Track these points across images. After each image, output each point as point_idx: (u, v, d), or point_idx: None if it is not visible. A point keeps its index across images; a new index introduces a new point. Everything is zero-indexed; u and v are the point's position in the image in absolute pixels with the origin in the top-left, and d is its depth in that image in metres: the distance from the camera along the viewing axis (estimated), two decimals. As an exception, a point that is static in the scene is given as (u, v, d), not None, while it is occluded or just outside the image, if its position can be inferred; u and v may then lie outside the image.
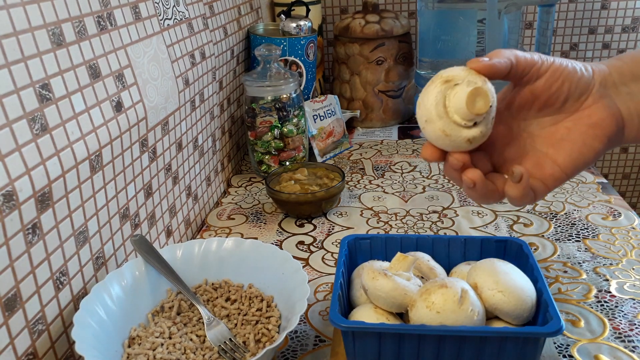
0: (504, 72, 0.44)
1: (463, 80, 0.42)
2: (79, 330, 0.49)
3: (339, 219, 0.86)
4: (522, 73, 0.45)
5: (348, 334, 0.50)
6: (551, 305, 0.50)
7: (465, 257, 0.62)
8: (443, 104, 0.42)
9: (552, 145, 0.46)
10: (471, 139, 0.43)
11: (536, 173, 0.46)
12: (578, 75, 0.45)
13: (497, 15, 1.00)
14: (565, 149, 0.46)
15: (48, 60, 0.50)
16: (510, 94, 0.48)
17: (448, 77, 0.43)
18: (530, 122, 0.48)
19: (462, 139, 0.43)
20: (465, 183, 0.45)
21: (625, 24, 1.37)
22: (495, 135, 0.47)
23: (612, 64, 0.47)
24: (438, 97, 0.43)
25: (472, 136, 0.43)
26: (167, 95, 0.72)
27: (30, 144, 0.47)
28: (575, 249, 0.74)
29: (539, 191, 0.46)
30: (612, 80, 0.46)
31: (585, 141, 0.45)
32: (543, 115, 0.47)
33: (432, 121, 0.43)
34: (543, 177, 0.46)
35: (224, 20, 0.99)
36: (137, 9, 0.67)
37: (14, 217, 0.45)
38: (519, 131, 0.48)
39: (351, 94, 1.24)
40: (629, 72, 0.46)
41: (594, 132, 0.45)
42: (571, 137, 0.46)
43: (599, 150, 0.45)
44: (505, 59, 0.44)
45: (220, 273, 0.65)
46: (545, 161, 0.46)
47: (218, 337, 0.57)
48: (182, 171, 0.80)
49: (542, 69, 0.45)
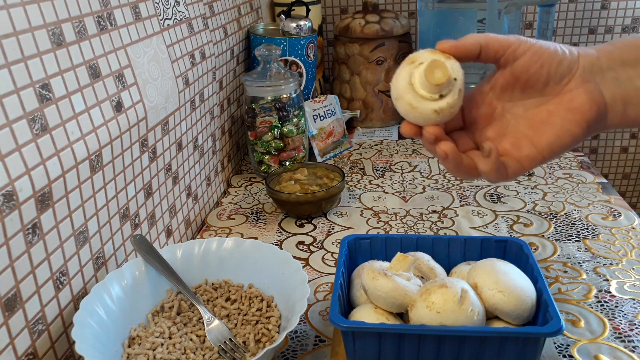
0: (472, 53, 0.45)
1: (426, 60, 0.45)
2: (79, 330, 0.49)
3: (339, 219, 0.86)
4: (496, 55, 0.46)
5: (348, 334, 0.50)
6: (551, 305, 0.50)
7: (465, 257, 0.62)
8: (409, 81, 0.45)
9: (532, 127, 0.47)
10: (438, 110, 0.45)
11: (513, 152, 0.47)
12: (559, 57, 0.46)
13: (497, 15, 1.00)
14: (544, 131, 0.46)
15: (48, 60, 0.50)
16: (494, 76, 0.49)
17: (413, 58, 0.46)
18: (515, 103, 0.48)
19: (429, 110, 0.45)
20: (438, 154, 0.46)
21: (625, 24, 1.37)
22: (478, 114, 0.49)
23: (603, 48, 0.48)
24: (405, 75, 0.45)
25: (439, 107, 0.44)
26: (167, 95, 0.72)
27: (30, 144, 0.47)
28: (575, 249, 0.74)
29: (512, 169, 0.47)
30: (599, 65, 0.46)
31: (564, 125, 0.46)
32: (527, 97, 0.48)
33: (401, 97, 0.45)
34: (519, 157, 0.47)
35: (224, 20, 0.99)
36: (137, 9, 0.67)
37: (14, 217, 0.45)
38: (503, 112, 0.49)
39: (351, 94, 1.24)
40: (619, 58, 0.46)
41: (573, 116, 0.45)
42: (551, 121, 0.46)
43: (578, 135, 0.46)
44: (472, 41, 0.45)
45: (220, 273, 0.65)
46: (523, 142, 0.47)
47: (218, 337, 0.57)
48: (182, 171, 0.80)
49: (520, 51, 0.45)
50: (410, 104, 0.45)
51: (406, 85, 0.45)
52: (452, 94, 0.45)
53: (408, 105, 0.45)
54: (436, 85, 0.44)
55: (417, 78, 0.45)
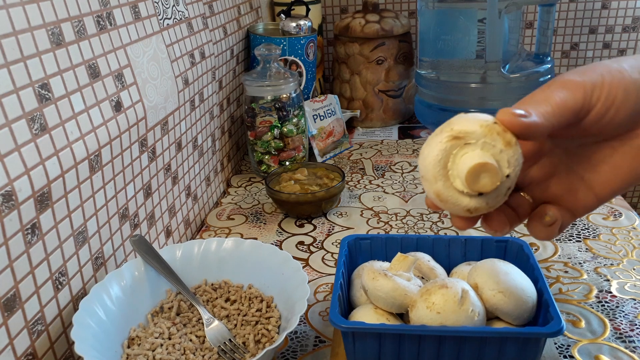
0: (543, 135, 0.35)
1: (478, 141, 0.34)
2: (79, 331, 0.49)
3: (339, 219, 0.85)
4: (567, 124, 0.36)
5: (348, 334, 0.50)
6: (552, 305, 0.50)
7: (465, 258, 0.61)
8: (444, 164, 0.35)
9: (592, 168, 0.38)
10: (472, 210, 0.36)
11: (567, 200, 0.39)
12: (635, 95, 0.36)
13: (498, 14, 1.00)
14: (607, 174, 0.38)
15: (47, 60, 0.50)
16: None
17: (459, 133, 0.35)
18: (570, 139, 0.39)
19: (461, 208, 0.36)
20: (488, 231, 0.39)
21: (626, 23, 1.37)
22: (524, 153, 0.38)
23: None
24: (440, 155, 0.35)
25: (474, 207, 0.36)
26: (166, 95, 0.72)
27: (29, 143, 0.47)
28: (576, 249, 0.74)
29: (565, 223, 0.40)
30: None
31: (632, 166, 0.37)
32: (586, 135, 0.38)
33: (429, 181, 0.36)
34: (574, 207, 0.39)
35: (224, 20, 0.99)
36: (136, 9, 0.67)
37: (13, 217, 0.45)
38: (552, 146, 0.40)
39: (351, 94, 1.24)
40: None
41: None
42: (616, 161, 0.38)
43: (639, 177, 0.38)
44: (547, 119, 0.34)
45: (219, 273, 0.65)
46: (579, 187, 0.39)
47: (218, 338, 0.57)
48: (181, 171, 0.80)
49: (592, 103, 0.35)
50: (438, 195, 0.36)
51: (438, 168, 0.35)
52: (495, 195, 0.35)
53: (435, 195, 0.36)
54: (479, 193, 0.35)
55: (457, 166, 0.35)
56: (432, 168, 0.35)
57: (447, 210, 0.37)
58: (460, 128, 0.34)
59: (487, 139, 0.34)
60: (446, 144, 0.35)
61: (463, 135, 0.34)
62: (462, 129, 0.34)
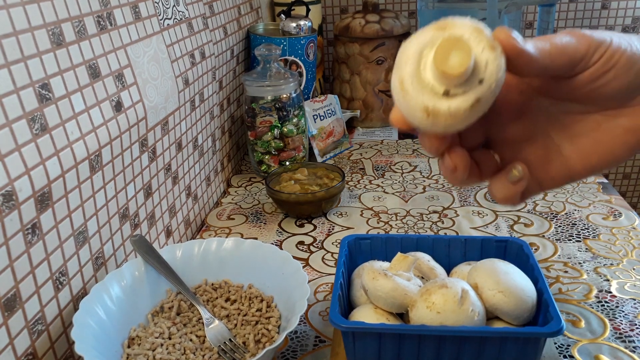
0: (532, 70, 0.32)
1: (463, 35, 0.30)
2: (79, 331, 0.49)
3: (339, 219, 0.86)
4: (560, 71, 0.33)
5: (348, 334, 0.50)
6: (552, 305, 0.50)
7: (465, 257, 0.62)
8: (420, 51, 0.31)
9: (571, 139, 0.36)
10: (430, 111, 0.30)
11: (538, 169, 0.37)
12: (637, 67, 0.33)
13: (498, 15, 1.00)
14: (585, 148, 0.35)
15: (48, 60, 0.50)
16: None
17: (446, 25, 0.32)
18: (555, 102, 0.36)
19: (419, 103, 0.30)
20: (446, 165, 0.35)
21: (626, 23, 1.37)
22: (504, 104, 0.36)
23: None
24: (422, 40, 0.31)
25: (432, 106, 0.30)
26: (166, 95, 0.72)
27: (29, 143, 0.47)
28: (576, 249, 0.74)
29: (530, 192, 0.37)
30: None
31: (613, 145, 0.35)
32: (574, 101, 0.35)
33: (398, 66, 0.32)
34: (543, 177, 0.37)
35: (224, 20, 0.99)
36: (137, 9, 0.67)
37: (14, 217, 0.45)
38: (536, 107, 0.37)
39: (351, 94, 1.24)
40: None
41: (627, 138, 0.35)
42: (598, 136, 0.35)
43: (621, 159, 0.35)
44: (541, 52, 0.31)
45: (220, 273, 0.65)
46: (554, 157, 0.37)
47: (218, 338, 0.57)
48: (181, 171, 0.80)
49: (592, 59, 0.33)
50: (401, 81, 0.31)
51: (412, 52, 0.31)
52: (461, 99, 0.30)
53: (398, 82, 0.31)
54: (444, 74, 0.29)
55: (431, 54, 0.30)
56: (406, 52, 0.32)
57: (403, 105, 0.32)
58: (450, 20, 0.32)
59: (472, 35, 0.30)
60: (430, 33, 0.32)
61: (450, 27, 0.31)
62: (451, 21, 0.32)
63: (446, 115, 0.30)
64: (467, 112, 0.30)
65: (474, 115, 0.31)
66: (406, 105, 0.31)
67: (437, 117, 0.30)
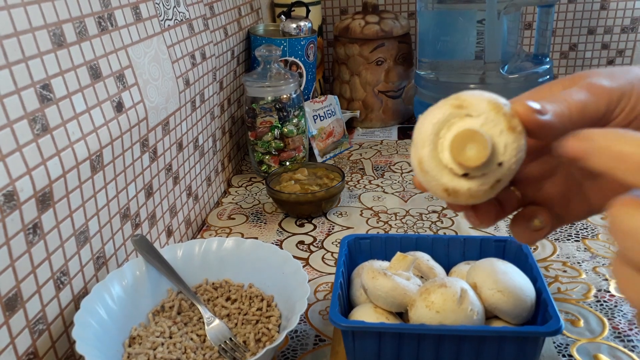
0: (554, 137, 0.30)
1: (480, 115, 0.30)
2: (80, 330, 0.49)
3: (339, 219, 0.86)
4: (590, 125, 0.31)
5: (348, 333, 0.51)
6: (550, 304, 0.50)
7: (464, 257, 0.62)
8: (437, 131, 0.31)
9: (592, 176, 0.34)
10: (450, 191, 0.31)
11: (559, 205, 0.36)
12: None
13: (497, 15, 1.00)
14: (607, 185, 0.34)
15: (49, 60, 0.50)
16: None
17: (463, 102, 0.31)
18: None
19: (439, 185, 0.31)
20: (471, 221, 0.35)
21: (625, 24, 1.37)
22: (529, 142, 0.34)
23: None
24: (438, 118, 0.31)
25: (453, 188, 0.31)
26: (167, 95, 0.72)
27: (31, 144, 0.47)
28: (575, 248, 0.74)
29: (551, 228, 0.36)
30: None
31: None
32: None
33: (416, 146, 0.32)
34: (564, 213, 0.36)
35: (225, 21, 1.00)
36: (137, 10, 0.67)
37: (15, 217, 0.45)
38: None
39: (351, 95, 1.25)
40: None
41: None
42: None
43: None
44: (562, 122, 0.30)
45: (220, 273, 0.65)
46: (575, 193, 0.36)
47: (218, 337, 0.57)
48: (182, 171, 0.80)
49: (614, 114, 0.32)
50: (420, 162, 0.31)
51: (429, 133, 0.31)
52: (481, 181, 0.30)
53: (417, 161, 0.32)
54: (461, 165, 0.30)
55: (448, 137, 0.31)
56: (423, 132, 0.32)
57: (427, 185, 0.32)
58: (466, 98, 0.31)
59: (489, 115, 0.30)
60: (446, 111, 0.31)
61: (467, 105, 0.31)
62: (467, 99, 0.31)
63: (467, 196, 0.31)
64: (488, 192, 0.31)
65: (494, 193, 0.31)
66: (427, 184, 0.32)
67: (458, 196, 0.31)
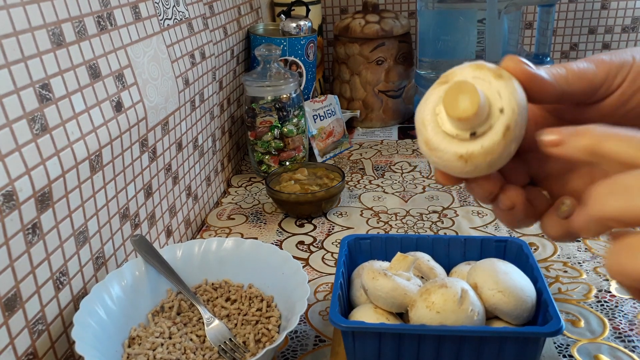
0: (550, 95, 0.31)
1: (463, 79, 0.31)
2: (79, 330, 0.49)
3: (339, 219, 0.86)
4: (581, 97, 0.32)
5: (348, 333, 0.50)
6: (551, 305, 0.50)
7: (465, 257, 0.62)
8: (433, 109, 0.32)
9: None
10: (466, 156, 0.30)
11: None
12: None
13: (497, 15, 1.00)
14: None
15: (48, 60, 0.50)
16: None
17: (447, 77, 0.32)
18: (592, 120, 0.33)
19: (452, 156, 0.31)
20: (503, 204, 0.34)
21: (625, 24, 1.37)
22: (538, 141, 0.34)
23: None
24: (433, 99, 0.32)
25: (466, 152, 0.30)
26: (167, 95, 0.72)
27: (30, 144, 0.47)
28: (575, 248, 0.74)
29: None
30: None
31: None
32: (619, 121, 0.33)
33: (419, 130, 0.32)
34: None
35: (224, 20, 0.99)
36: (137, 9, 0.67)
37: (14, 217, 0.45)
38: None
39: (351, 94, 1.24)
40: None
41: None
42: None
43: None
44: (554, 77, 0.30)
45: (220, 273, 0.65)
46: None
47: (218, 337, 0.57)
48: (182, 171, 0.80)
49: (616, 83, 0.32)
50: (427, 142, 0.31)
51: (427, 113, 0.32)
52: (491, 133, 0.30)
53: (424, 145, 0.32)
54: (461, 120, 0.30)
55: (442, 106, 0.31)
56: (421, 116, 0.32)
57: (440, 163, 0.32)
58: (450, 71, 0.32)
59: (474, 74, 0.30)
60: (435, 90, 0.32)
61: (451, 77, 0.31)
62: (451, 72, 0.32)
63: (484, 154, 0.30)
64: (502, 143, 0.30)
65: (510, 144, 0.30)
66: (442, 162, 0.31)
67: (476, 159, 0.30)
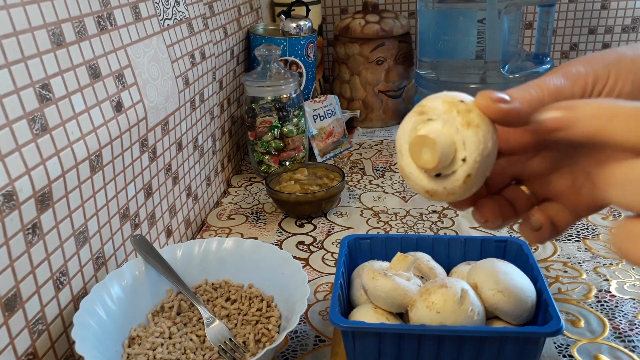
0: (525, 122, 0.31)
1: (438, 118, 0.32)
2: (79, 330, 0.49)
3: (339, 219, 0.86)
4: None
5: (348, 334, 0.50)
6: (551, 305, 0.50)
7: (465, 257, 0.62)
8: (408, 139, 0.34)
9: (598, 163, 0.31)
10: (430, 192, 0.33)
11: (569, 198, 0.35)
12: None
13: (497, 15, 1.00)
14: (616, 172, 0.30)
15: (48, 60, 0.50)
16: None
17: (423, 108, 0.33)
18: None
19: (421, 188, 0.34)
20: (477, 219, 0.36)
21: (625, 24, 1.37)
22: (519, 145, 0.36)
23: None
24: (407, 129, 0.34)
25: (432, 189, 0.33)
26: (167, 95, 0.72)
27: (30, 144, 0.47)
28: (575, 248, 0.74)
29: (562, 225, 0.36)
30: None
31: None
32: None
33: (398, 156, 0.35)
34: (576, 205, 0.35)
35: (224, 21, 0.99)
36: (137, 9, 0.67)
37: (14, 217, 0.45)
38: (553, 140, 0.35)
39: (351, 94, 1.24)
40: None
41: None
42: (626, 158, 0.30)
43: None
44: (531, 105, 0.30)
45: (220, 273, 0.65)
46: (583, 183, 0.34)
47: (218, 337, 0.57)
48: (182, 171, 0.80)
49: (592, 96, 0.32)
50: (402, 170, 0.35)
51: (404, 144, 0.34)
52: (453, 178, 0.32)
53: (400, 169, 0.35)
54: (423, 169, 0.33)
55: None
56: (398, 143, 0.35)
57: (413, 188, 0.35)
58: (426, 103, 0.33)
59: (445, 116, 0.32)
60: (412, 119, 0.34)
61: (426, 110, 0.33)
62: (427, 104, 0.33)
63: (446, 194, 0.33)
64: (463, 187, 0.32)
65: (471, 188, 0.33)
66: (413, 188, 0.35)
67: (439, 196, 0.33)
